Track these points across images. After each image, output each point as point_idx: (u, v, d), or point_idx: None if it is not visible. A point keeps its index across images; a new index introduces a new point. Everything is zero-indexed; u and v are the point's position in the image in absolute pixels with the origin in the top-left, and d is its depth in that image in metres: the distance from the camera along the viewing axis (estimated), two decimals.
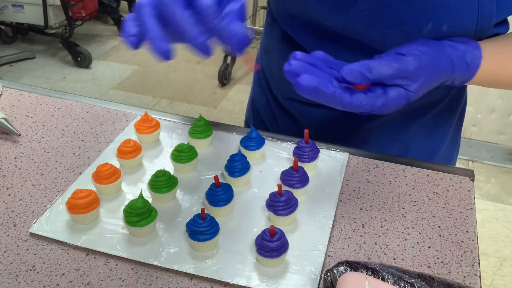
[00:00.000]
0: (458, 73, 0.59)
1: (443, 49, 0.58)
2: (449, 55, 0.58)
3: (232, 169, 0.67)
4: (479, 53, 0.60)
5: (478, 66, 0.60)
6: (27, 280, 0.56)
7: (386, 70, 0.53)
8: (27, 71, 3.17)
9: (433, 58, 0.56)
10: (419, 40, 0.58)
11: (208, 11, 0.47)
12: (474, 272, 0.58)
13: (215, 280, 0.56)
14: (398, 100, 0.54)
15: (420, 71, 0.55)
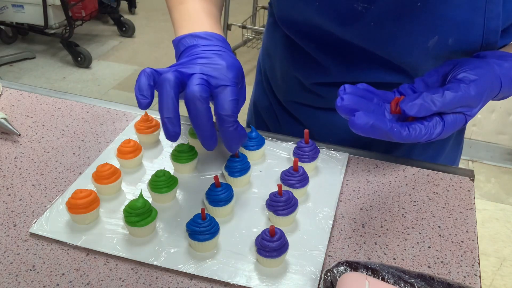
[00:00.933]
0: (505, 90, 0.58)
1: (493, 68, 0.56)
2: (497, 74, 0.56)
3: (232, 169, 0.67)
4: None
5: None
6: (27, 280, 0.56)
7: (449, 100, 0.52)
8: (27, 71, 3.18)
9: (488, 80, 0.55)
10: (467, 60, 0.56)
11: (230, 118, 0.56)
12: (474, 272, 0.58)
13: (215, 280, 0.56)
14: (456, 126, 0.54)
15: (479, 97, 0.54)
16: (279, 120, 0.91)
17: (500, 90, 0.57)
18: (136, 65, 3.29)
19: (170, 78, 0.55)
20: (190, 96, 0.55)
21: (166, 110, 0.55)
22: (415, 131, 0.51)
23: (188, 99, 0.56)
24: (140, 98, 0.56)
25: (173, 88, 0.55)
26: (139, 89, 0.57)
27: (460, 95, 0.52)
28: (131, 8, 4.01)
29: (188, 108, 0.56)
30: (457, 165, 0.93)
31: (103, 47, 3.52)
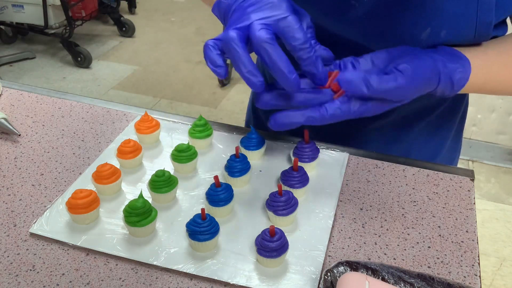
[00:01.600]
0: (442, 89, 0.59)
1: (435, 62, 0.58)
2: (438, 70, 0.58)
3: (232, 169, 0.67)
4: (467, 75, 0.60)
5: (463, 87, 0.60)
6: (27, 280, 0.56)
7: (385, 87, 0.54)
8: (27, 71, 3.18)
9: (425, 72, 0.57)
10: (415, 50, 0.59)
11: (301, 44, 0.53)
12: (474, 272, 0.58)
13: (215, 280, 0.56)
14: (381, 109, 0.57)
15: (411, 86, 0.56)
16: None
17: (437, 87, 0.59)
18: (136, 65, 3.29)
19: (233, 36, 0.54)
20: (257, 43, 0.53)
21: (242, 65, 0.53)
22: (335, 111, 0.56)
23: (257, 47, 0.53)
24: (216, 69, 0.55)
25: (239, 44, 0.53)
26: (211, 62, 0.55)
27: (394, 84, 0.54)
28: (131, 8, 4.01)
29: (261, 55, 0.54)
30: (456, 163, 0.93)
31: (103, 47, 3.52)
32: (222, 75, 0.55)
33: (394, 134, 0.82)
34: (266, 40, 0.52)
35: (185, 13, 4.04)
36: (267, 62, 0.54)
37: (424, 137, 0.83)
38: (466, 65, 0.60)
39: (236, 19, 0.57)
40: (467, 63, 0.60)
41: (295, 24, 0.54)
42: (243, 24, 0.55)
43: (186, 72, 3.21)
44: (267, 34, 0.53)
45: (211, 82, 3.07)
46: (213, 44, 0.56)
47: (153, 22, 3.92)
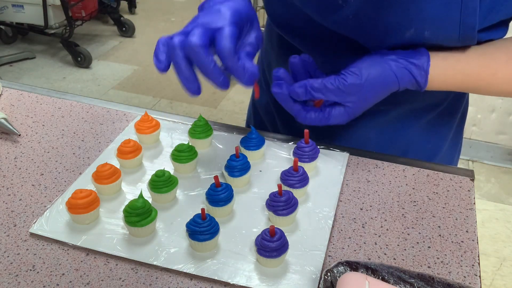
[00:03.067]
0: (406, 84, 0.65)
1: (385, 64, 0.64)
2: (391, 69, 0.63)
3: (232, 169, 0.67)
4: (426, 64, 0.64)
5: (426, 77, 0.64)
6: (27, 280, 0.56)
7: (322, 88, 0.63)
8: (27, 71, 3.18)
9: (373, 75, 0.63)
10: (364, 56, 0.65)
11: (226, 54, 0.58)
12: (474, 272, 0.58)
13: (215, 280, 0.56)
14: (340, 116, 0.65)
15: (356, 89, 0.63)
16: (276, 118, 0.92)
17: (399, 84, 0.64)
18: (136, 65, 3.29)
19: (175, 43, 0.59)
20: (187, 49, 0.58)
21: (179, 72, 0.59)
22: (310, 117, 0.66)
23: (187, 52, 0.58)
24: (156, 63, 0.60)
25: (179, 51, 0.58)
26: (155, 56, 0.61)
27: (336, 85, 0.63)
28: (131, 8, 4.01)
29: (192, 60, 0.59)
30: (456, 163, 0.93)
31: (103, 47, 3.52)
32: (160, 70, 0.60)
33: (393, 132, 0.82)
34: (193, 47, 0.57)
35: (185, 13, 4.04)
36: (197, 66, 0.59)
37: (423, 136, 0.83)
38: (421, 58, 0.64)
39: (189, 23, 0.62)
40: (422, 55, 0.65)
41: (228, 32, 0.58)
42: (187, 29, 0.60)
43: None
44: (198, 40, 0.57)
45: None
46: (164, 42, 0.61)
47: (153, 22, 3.92)
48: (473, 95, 2.22)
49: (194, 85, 0.60)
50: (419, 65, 0.64)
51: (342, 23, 0.68)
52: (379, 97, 0.65)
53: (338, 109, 0.65)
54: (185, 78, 0.59)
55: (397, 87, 0.65)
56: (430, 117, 0.81)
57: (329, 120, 0.65)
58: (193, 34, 0.58)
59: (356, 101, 0.64)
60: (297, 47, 0.78)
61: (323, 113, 0.65)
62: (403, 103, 0.78)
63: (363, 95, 0.64)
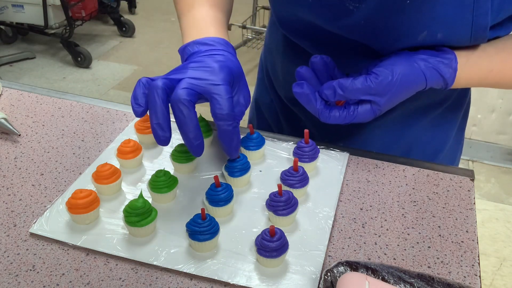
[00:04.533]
0: (433, 83, 0.65)
1: (415, 63, 0.64)
2: (420, 68, 0.63)
3: (232, 169, 0.67)
4: (455, 64, 0.64)
5: (454, 76, 0.64)
6: (27, 280, 0.56)
7: (354, 87, 0.62)
8: (27, 71, 3.18)
9: (403, 74, 0.63)
10: (392, 56, 0.65)
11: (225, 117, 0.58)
12: (474, 272, 0.58)
13: (215, 280, 0.56)
14: (366, 114, 0.64)
15: (386, 89, 0.62)
16: (280, 117, 0.92)
17: (426, 83, 0.64)
18: (136, 65, 3.29)
19: (158, 85, 0.57)
20: (173, 100, 0.56)
21: (154, 116, 0.56)
22: (334, 116, 0.65)
23: (172, 103, 0.56)
24: (134, 106, 0.58)
25: (160, 95, 0.56)
26: (134, 98, 0.59)
27: (367, 84, 0.62)
28: (131, 8, 4.01)
29: (174, 112, 0.57)
30: (458, 162, 0.93)
31: (103, 47, 3.52)
32: (138, 114, 0.58)
33: (396, 131, 0.82)
34: (182, 101, 0.55)
35: None
36: (177, 121, 0.57)
37: (428, 134, 0.83)
38: (449, 57, 0.64)
39: (176, 70, 0.60)
40: (450, 55, 0.64)
41: (225, 94, 0.58)
42: (176, 77, 0.58)
43: None
44: (186, 95, 0.56)
45: None
46: (144, 82, 0.59)
47: (153, 22, 3.92)
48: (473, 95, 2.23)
49: (167, 133, 0.57)
50: (448, 64, 0.64)
51: (352, 28, 0.67)
52: (406, 96, 0.65)
53: (365, 107, 0.64)
54: (158, 124, 0.56)
55: (424, 86, 0.64)
56: (434, 115, 0.82)
57: (355, 118, 0.64)
58: (183, 87, 0.56)
59: (385, 99, 0.63)
60: (305, 48, 0.77)
61: (347, 111, 0.64)
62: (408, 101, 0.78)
63: (393, 94, 0.63)
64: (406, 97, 0.65)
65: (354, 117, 0.64)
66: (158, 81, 0.57)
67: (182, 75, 0.59)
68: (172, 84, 0.58)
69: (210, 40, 0.66)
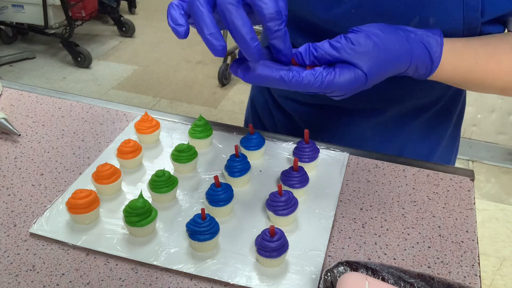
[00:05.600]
0: (418, 57, 0.58)
1: (400, 30, 0.57)
2: (406, 37, 0.57)
3: (232, 169, 0.67)
4: (440, 39, 0.59)
5: (440, 53, 0.59)
6: (27, 280, 0.56)
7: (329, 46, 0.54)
8: (27, 71, 3.17)
9: (385, 37, 0.56)
10: (376, 24, 0.58)
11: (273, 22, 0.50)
12: (474, 272, 0.58)
13: (215, 280, 0.56)
14: (351, 79, 0.54)
15: (367, 49, 0.54)
16: (274, 117, 0.92)
17: (412, 57, 0.57)
18: (136, 65, 3.29)
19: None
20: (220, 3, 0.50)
21: (205, 27, 0.50)
22: (305, 76, 0.53)
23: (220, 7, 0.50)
24: (176, 27, 0.52)
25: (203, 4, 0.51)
26: (172, 20, 0.52)
27: (345, 43, 0.54)
28: (131, 8, 4.01)
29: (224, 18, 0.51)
30: (453, 162, 0.93)
31: (103, 47, 3.52)
32: (181, 34, 0.52)
33: (389, 132, 0.82)
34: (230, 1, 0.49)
35: None
36: (229, 25, 0.50)
37: (419, 136, 0.84)
38: (435, 32, 0.59)
39: None
40: (436, 30, 0.60)
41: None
42: None
43: (186, 72, 3.21)
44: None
45: (211, 82, 3.07)
46: (178, 3, 0.53)
47: (153, 22, 3.92)
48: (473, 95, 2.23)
49: (221, 42, 0.50)
50: (433, 38, 0.59)
51: (343, 17, 0.67)
52: (391, 70, 0.57)
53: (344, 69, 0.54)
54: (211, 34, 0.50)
55: (408, 62, 0.58)
56: (427, 116, 0.82)
57: (333, 82, 0.54)
58: None
59: (367, 62, 0.54)
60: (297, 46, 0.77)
61: (324, 74, 0.54)
62: (400, 102, 0.78)
63: (377, 58, 0.55)
64: (391, 71, 0.58)
65: (331, 80, 0.54)
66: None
67: None
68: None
69: None
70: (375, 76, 0.56)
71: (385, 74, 0.57)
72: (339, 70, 0.54)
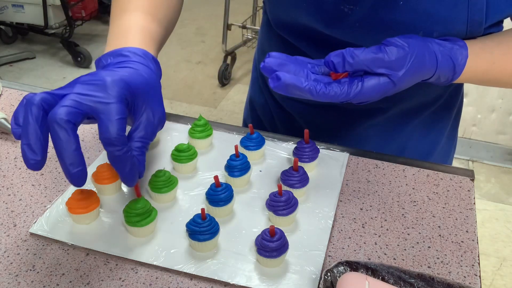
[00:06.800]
0: (443, 69, 0.59)
1: (429, 43, 0.58)
2: (434, 50, 0.58)
3: (232, 169, 0.67)
4: (466, 52, 0.60)
5: (464, 65, 0.60)
6: (27, 280, 0.56)
7: (367, 56, 0.54)
8: (27, 71, 3.17)
9: (417, 50, 0.56)
10: (406, 35, 0.58)
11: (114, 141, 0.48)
12: (474, 272, 0.58)
13: (215, 280, 0.56)
14: (379, 87, 0.55)
15: (401, 61, 0.55)
16: (274, 117, 0.92)
17: (437, 67, 0.58)
18: None
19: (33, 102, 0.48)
20: (49, 120, 0.47)
21: (24, 136, 0.48)
22: (332, 88, 0.54)
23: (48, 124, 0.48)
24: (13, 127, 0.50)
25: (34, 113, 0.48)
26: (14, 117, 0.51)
27: (380, 54, 0.54)
28: None
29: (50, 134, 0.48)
30: (451, 161, 0.93)
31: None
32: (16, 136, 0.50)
33: (390, 131, 0.82)
34: (57, 121, 0.47)
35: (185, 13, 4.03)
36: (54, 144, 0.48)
37: (419, 134, 0.84)
38: (461, 44, 0.60)
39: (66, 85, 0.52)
40: (462, 42, 0.60)
41: (115, 115, 0.49)
42: (61, 92, 0.50)
43: (186, 72, 3.21)
44: (66, 115, 0.47)
45: (211, 82, 3.07)
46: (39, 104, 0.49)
47: None
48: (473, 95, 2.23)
49: (37, 156, 0.48)
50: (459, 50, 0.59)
51: (348, 31, 0.67)
52: (417, 79, 0.58)
53: (372, 80, 0.55)
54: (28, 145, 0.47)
55: (434, 71, 0.58)
56: (427, 114, 0.82)
57: (360, 93, 0.54)
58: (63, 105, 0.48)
59: (401, 73, 0.55)
60: (300, 48, 0.78)
61: (349, 85, 0.54)
62: (402, 101, 0.78)
63: (408, 69, 0.55)
64: (417, 81, 0.59)
65: (358, 92, 0.54)
66: (36, 97, 0.49)
67: (68, 90, 0.50)
68: (54, 101, 0.50)
69: (127, 51, 0.58)
70: (403, 85, 0.57)
71: (411, 83, 0.58)
72: (367, 80, 0.54)
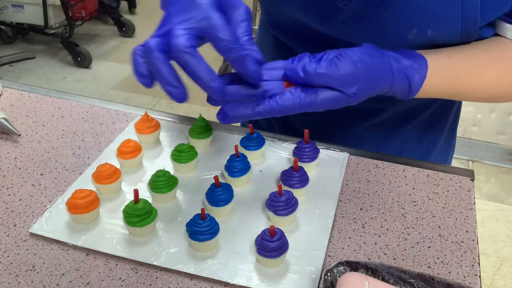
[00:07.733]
0: (398, 86, 0.59)
1: (385, 59, 0.58)
2: (390, 66, 0.58)
3: (232, 169, 0.67)
4: (424, 71, 0.59)
5: (421, 84, 0.60)
6: (27, 280, 0.56)
7: (319, 71, 0.53)
8: (27, 71, 3.17)
9: (372, 66, 0.56)
10: (365, 46, 0.58)
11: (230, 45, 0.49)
12: (474, 272, 0.58)
13: (215, 280, 0.56)
14: (330, 101, 0.54)
15: (353, 78, 0.54)
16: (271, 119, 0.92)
17: (392, 84, 0.58)
18: None
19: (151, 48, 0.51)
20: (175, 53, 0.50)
21: (160, 78, 0.51)
22: (286, 101, 0.53)
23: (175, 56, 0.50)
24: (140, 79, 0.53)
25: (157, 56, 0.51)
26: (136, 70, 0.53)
27: (330, 71, 0.53)
28: (131, 8, 4.00)
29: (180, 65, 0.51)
30: (450, 160, 0.93)
31: (103, 47, 3.52)
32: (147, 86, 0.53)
33: (387, 132, 0.82)
34: (183, 49, 0.49)
35: None
36: (186, 72, 0.51)
37: (416, 136, 0.84)
38: (421, 63, 0.60)
39: (160, 23, 0.54)
40: (422, 60, 0.60)
41: (218, 22, 0.50)
42: (164, 30, 0.52)
43: None
44: (185, 41, 0.50)
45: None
46: (140, 52, 0.53)
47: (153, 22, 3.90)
48: None
49: (179, 88, 0.51)
50: (417, 69, 0.59)
51: (341, 27, 0.67)
52: (368, 93, 0.57)
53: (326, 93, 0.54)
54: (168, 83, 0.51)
55: (387, 89, 0.59)
56: (423, 117, 0.82)
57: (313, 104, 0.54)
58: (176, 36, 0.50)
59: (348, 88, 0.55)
60: (295, 49, 0.77)
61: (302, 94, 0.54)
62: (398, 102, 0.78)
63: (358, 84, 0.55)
64: (372, 94, 0.58)
65: (311, 102, 0.54)
66: (150, 42, 0.51)
67: (167, 26, 0.52)
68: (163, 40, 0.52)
69: None
70: (358, 98, 0.56)
71: (367, 97, 0.57)
72: (320, 92, 0.54)
